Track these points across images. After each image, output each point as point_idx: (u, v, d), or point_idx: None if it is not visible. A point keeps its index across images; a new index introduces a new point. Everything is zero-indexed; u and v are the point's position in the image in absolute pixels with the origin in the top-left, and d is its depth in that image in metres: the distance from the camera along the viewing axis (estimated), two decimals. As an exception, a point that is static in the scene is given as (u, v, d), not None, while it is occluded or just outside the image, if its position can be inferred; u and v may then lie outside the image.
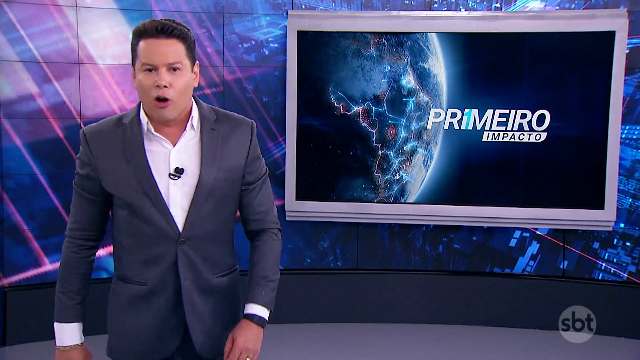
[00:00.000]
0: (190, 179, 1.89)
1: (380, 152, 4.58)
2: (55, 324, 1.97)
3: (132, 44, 1.88)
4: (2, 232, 4.24)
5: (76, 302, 1.98)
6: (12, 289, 4.28)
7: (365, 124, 4.56)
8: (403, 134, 4.56)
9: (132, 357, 1.98)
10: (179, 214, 1.89)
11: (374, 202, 4.60)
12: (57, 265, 4.33)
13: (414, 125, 4.55)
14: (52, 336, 2.01)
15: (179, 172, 1.88)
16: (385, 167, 4.59)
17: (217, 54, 4.54)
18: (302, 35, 4.49)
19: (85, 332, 2.05)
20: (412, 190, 4.60)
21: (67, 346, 1.96)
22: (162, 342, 1.96)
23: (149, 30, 1.83)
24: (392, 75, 4.52)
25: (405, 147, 4.57)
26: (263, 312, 1.94)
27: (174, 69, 1.84)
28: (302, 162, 4.60)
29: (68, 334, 1.96)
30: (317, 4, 4.60)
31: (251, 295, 1.95)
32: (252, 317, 1.92)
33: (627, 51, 4.30)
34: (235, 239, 2.07)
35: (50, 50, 4.25)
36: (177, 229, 1.89)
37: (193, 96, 1.97)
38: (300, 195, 4.61)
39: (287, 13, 4.52)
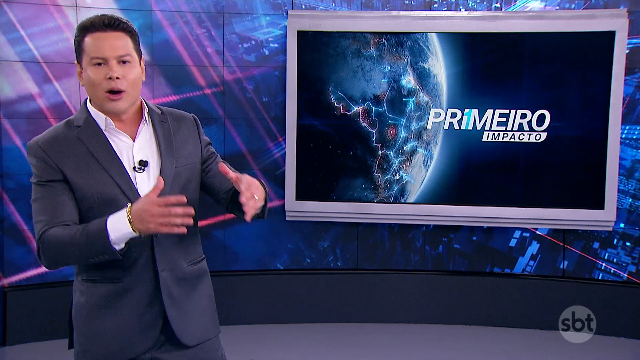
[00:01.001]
0: (153, 169, 1.92)
1: (380, 152, 4.58)
2: (110, 233, 1.74)
3: (77, 40, 1.88)
4: (2, 232, 4.24)
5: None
6: (12, 289, 4.28)
7: (365, 124, 4.56)
8: (403, 134, 4.56)
9: (109, 358, 1.92)
10: None
11: (374, 202, 4.60)
12: (57, 265, 4.34)
13: (414, 125, 4.55)
14: (52, 336, 1.99)
15: (143, 164, 1.91)
16: (385, 167, 4.59)
17: (217, 54, 4.54)
18: (302, 35, 4.49)
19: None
20: (412, 190, 4.60)
21: (127, 210, 1.75)
22: (140, 337, 1.92)
23: (97, 25, 1.85)
24: (392, 75, 4.52)
25: (405, 147, 4.57)
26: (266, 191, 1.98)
27: (124, 62, 1.86)
28: (302, 162, 4.60)
29: (116, 216, 1.76)
30: (317, 4, 4.59)
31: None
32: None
33: (627, 51, 4.30)
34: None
35: (50, 50, 4.25)
36: None
37: None
38: (300, 195, 4.61)
39: (287, 13, 4.52)
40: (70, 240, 1.79)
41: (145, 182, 1.91)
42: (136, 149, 1.92)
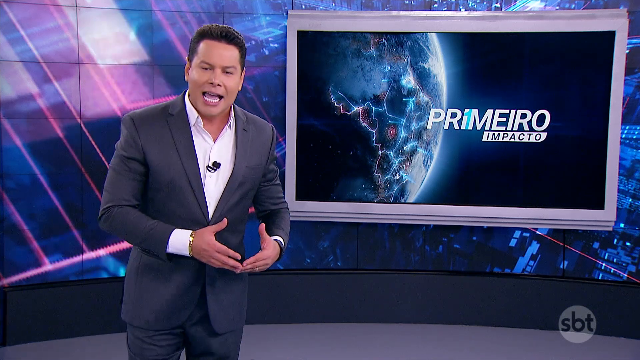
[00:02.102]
0: (223, 172, 2.11)
1: (380, 152, 4.58)
2: (169, 247, 2.03)
3: (193, 41, 2.07)
4: (2, 232, 4.24)
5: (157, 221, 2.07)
6: (12, 289, 4.27)
7: (365, 124, 4.56)
8: (403, 134, 4.56)
9: (145, 324, 2.13)
10: (210, 202, 2.09)
11: (374, 202, 4.60)
12: (57, 265, 4.35)
13: (414, 125, 4.55)
14: (52, 336, 2.02)
15: (216, 165, 2.09)
16: (385, 167, 4.59)
17: (217, 54, 4.53)
18: (302, 35, 4.49)
19: (91, 331, 2.08)
20: (412, 190, 4.60)
21: (190, 240, 2.03)
22: (175, 314, 2.12)
23: (214, 33, 2.03)
24: (392, 75, 4.52)
25: (405, 147, 4.57)
26: (282, 243, 2.21)
27: (227, 72, 2.05)
28: (302, 162, 4.60)
29: (179, 236, 2.03)
30: (317, 4, 4.60)
31: (273, 232, 2.22)
32: (279, 243, 2.20)
33: (627, 51, 4.30)
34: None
35: (50, 50, 4.25)
36: (208, 215, 2.08)
37: None
38: (300, 195, 4.62)
39: (287, 13, 4.52)
40: (135, 229, 2.04)
41: (214, 182, 2.10)
42: (214, 150, 2.10)
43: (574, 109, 4.43)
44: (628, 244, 4.51)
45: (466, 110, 4.49)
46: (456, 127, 4.51)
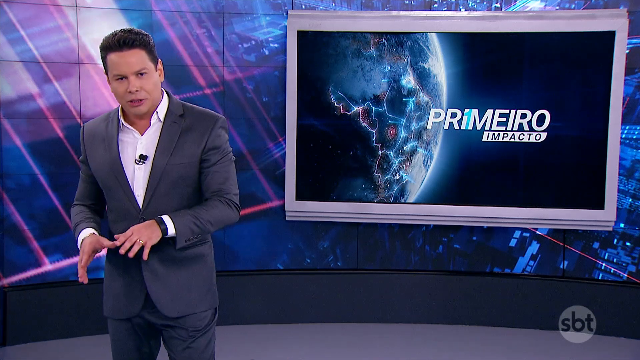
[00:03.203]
0: (149, 164, 2.19)
1: (380, 152, 4.58)
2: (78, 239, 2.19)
3: (101, 56, 2.15)
4: (2, 232, 4.24)
5: (88, 219, 2.25)
6: (12, 289, 4.28)
7: (365, 124, 4.56)
8: (403, 134, 4.56)
9: (110, 312, 2.30)
10: (140, 194, 2.19)
11: (374, 202, 4.60)
12: (57, 265, 4.36)
13: (414, 125, 4.54)
14: (52, 336, 2.03)
15: (142, 158, 2.18)
16: (385, 167, 4.59)
17: (217, 54, 4.54)
18: (302, 35, 4.49)
19: (91, 331, 2.12)
20: (412, 190, 4.60)
21: (81, 240, 2.17)
22: (128, 301, 2.24)
23: (113, 45, 2.10)
24: (392, 75, 4.52)
25: (405, 147, 4.57)
26: (169, 224, 2.12)
27: (141, 74, 2.12)
28: (302, 162, 4.60)
29: (84, 234, 2.19)
30: (317, 4, 4.59)
31: (171, 214, 2.16)
32: (157, 219, 2.13)
33: (627, 51, 4.30)
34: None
35: (50, 50, 4.25)
36: (138, 206, 2.19)
37: (166, 91, 2.29)
38: (300, 195, 4.61)
39: (287, 13, 4.52)
40: (73, 225, 2.28)
41: (142, 174, 2.19)
42: (140, 143, 2.19)
43: (574, 109, 4.43)
44: (628, 244, 4.51)
45: (466, 110, 4.49)
46: (456, 127, 4.51)
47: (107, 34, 2.13)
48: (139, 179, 2.18)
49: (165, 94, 2.27)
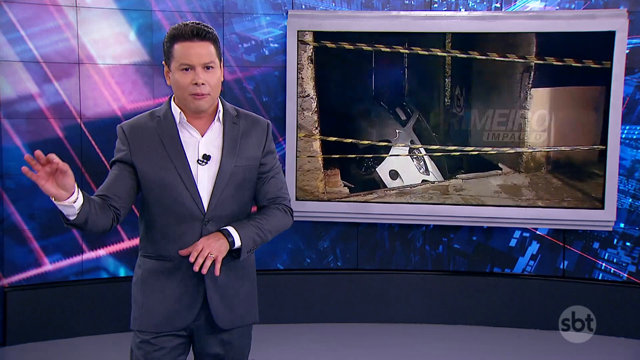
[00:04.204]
0: (213, 165, 2.13)
1: (380, 152, 4.58)
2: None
3: (166, 45, 2.10)
4: (2, 232, 4.24)
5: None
6: (12, 289, 4.28)
7: (365, 124, 4.56)
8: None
9: (153, 327, 2.15)
10: (204, 196, 2.11)
11: (374, 202, 4.60)
12: (57, 265, 4.36)
13: (415, 125, 4.54)
14: (52, 336, 2.03)
15: (206, 158, 2.12)
16: (385, 166, 4.59)
17: (217, 54, 4.54)
18: (302, 35, 4.49)
19: (91, 331, 2.08)
20: (412, 190, 4.60)
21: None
22: (180, 314, 2.14)
23: (185, 34, 2.05)
24: (393, 75, 4.51)
25: (405, 147, 4.57)
26: (235, 236, 2.08)
27: (208, 68, 2.07)
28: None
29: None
30: (317, 4, 4.59)
31: (235, 224, 2.11)
32: (223, 231, 2.08)
33: (627, 51, 4.30)
34: None
35: (50, 50, 4.25)
36: (203, 208, 2.10)
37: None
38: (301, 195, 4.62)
39: (287, 13, 4.52)
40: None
41: (205, 175, 2.12)
42: (202, 143, 2.13)
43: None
44: (628, 244, 4.51)
45: (466, 110, 4.49)
46: (456, 127, 4.51)
47: (176, 24, 2.09)
48: (202, 179, 2.11)
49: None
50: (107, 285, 4.44)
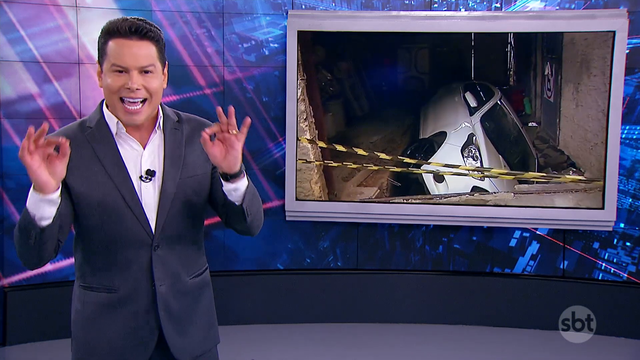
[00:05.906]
0: (158, 180, 1.84)
1: (380, 152, 4.58)
2: (30, 208, 1.70)
3: (100, 41, 1.80)
4: (2, 232, 4.24)
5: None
6: (12, 289, 4.28)
7: (365, 124, 4.56)
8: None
9: None
10: (151, 217, 1.83)
11: (374, 202, 4.60)
12: (57, 265, 4.35)
13: (415, 125, 4.55)
14: (52, 336, 2.00)
15: (150, 174, 1.83)
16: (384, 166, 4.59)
17: (217, 54, 4.54)
18: (302, 35, 4.49)
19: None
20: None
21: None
22: (133, 351, 1.86)
23: (121, 30, 1.76)
24: (393, 75, 4.52)
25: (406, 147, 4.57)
26: (244, 173, 1.81)
27: (146, 72, 1.79)
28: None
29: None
30: (317, 4, 4.59)
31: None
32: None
33: (627, 51, 4.30)
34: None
35: (50, 50, 4.24)
36: (151, 231, 1.83)
37: None
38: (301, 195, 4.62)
39: (287, 13, 4.51)
40: (17, 226, 1.77)
41: (151, 193, 1.83)
42: (145, 157, 1.84)
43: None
44: (628, 244, 4.51)
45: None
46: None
47: (114, 18, 1.82)
48: (147, 198, 1.82)
49: None
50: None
